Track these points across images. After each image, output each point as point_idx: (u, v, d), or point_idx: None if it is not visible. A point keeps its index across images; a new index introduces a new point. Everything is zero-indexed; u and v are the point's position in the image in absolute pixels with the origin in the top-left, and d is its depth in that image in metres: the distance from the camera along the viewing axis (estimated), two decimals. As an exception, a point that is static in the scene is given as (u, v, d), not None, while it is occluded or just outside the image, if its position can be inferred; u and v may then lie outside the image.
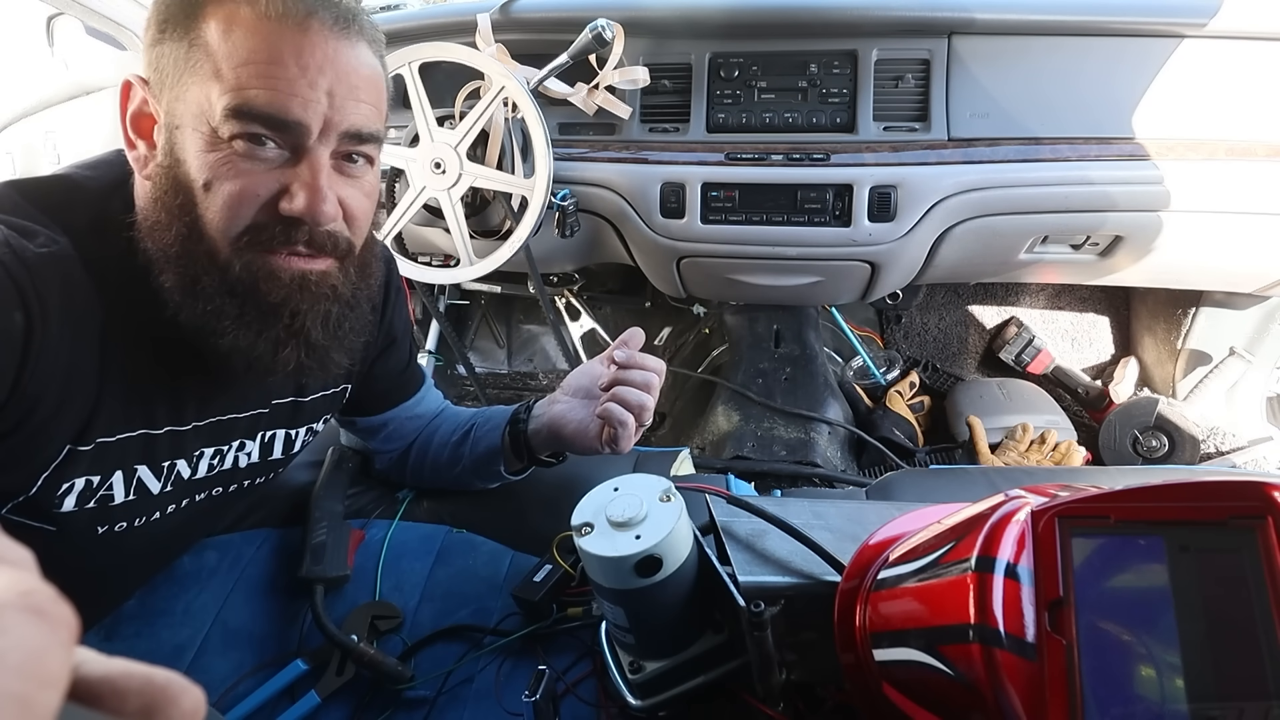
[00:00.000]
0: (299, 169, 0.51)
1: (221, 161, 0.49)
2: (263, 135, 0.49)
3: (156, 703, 0.17)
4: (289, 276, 0.53)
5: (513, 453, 0.78)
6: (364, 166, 0.56)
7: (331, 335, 0.57)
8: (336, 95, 0.51)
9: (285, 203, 0.51)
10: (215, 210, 0.50)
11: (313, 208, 0.51)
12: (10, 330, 0.44)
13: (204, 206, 0.50)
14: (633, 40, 1.18)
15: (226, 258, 0.51)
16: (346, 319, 0.58)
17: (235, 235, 0.51)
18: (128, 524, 0.59)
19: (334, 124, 0.51)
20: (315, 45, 0.49)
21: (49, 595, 0.16)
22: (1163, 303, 1.63)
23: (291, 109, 0.49)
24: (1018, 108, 1.12)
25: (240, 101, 0.48)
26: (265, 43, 0.48)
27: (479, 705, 0.63)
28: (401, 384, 0.82)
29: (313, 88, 0.49)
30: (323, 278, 0.55)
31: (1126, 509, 0.35)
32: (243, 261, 0.52)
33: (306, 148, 0.51)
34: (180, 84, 0.49)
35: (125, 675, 0.17)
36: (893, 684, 0.44)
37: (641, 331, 0.70)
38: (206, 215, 0.50)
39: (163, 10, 0.50)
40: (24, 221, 0.49)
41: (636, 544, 0.48)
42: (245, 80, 0.48)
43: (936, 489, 0.87)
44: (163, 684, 0.17)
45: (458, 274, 1.20)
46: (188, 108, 0.49)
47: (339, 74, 0.51)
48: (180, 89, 0.49)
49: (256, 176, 0.50)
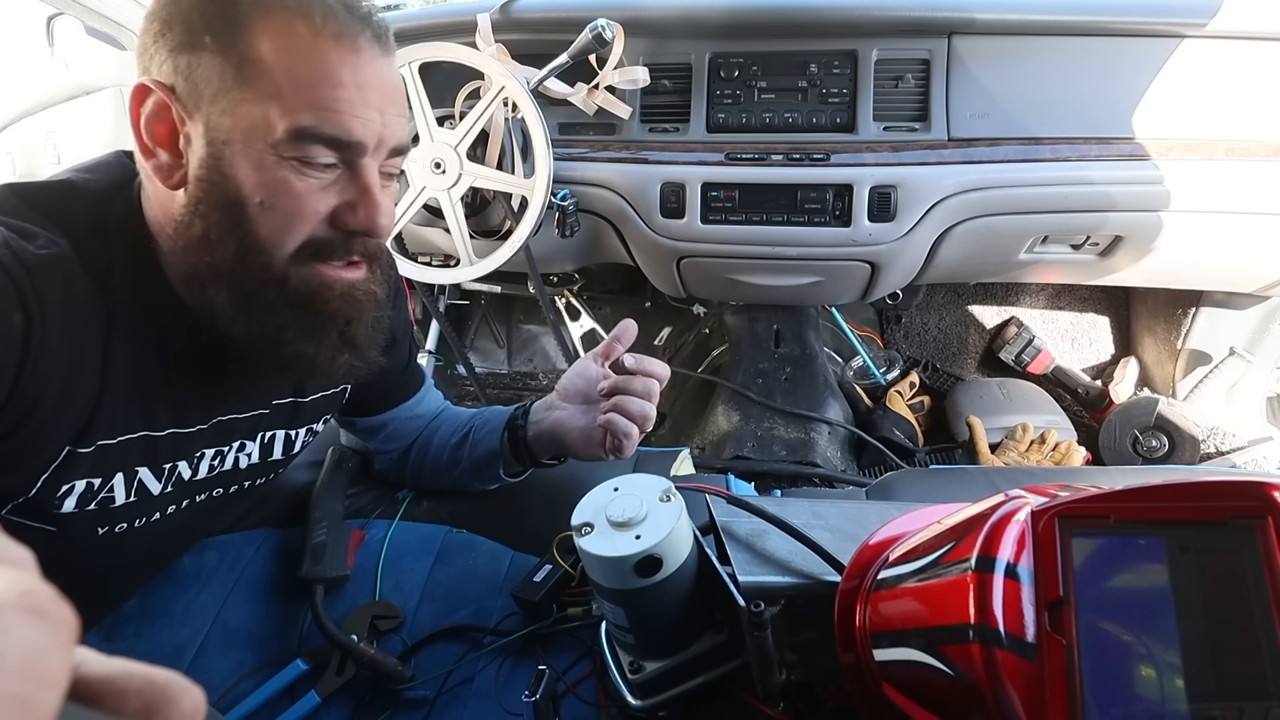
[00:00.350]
0: (355, 184, 0.53)
1: (279, 180, 0.50)
2: (321, 155, 0.51)
3: (157, 702, 0.17)
4: (341, 287, 0.55)
5: (512, 456, 0.78)
6: (392, 179, 0.58)
7: (370, 336, 0.60)
8: (386, 113, 0.53)
9: (348, 218, 0.53)
10: (273, 227, 0.51)
11: (374, 221, 0.53)
12: (9, 331, 0.44)
13: (259, 223, 0.51)
14: (633, 40, 1.18)
15: (282, 271, 0.53)
16: (380, 321, 0.61)
17: (293, 251, 0.52)
18: (128, 525, 0.59)
19: (385, 141, 0.53)
20: (366, 65, 0.51)
21: (49, 595, 0.16)
22: (1163, 303, 1.63)
23: (354, 130, 0.51)
24: (1018, 108, 1.12)
25: (308, 124, 0.49)
26: (325, 64, 0.49)
27: (479, 705, 0.63)
28: (401, 384, 0.82)
29: (368, 106, 0.51)
30: (365, 284, 0.57)
31: (1126, 509, 0.35)
32: (298, 275, 0.53)
33: (361, 164, 0.53)
34: (228, 98, 0.49)
35: (125, 675, 0.17)
36: (893, 684, 0.44)
37: (634, 324, 0.71)
38: (262, 232, 0.51)
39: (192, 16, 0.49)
40: (23, 224, 0.49)
41: (636, 544, 0.48)
42: (310, 102, 0.49)
43: (936, 489, 0.87)
44: (163, 684, 0.17)
45: (458, 274, 1.20)
46: (239, 124, 0.49)
47: (385, 92, 0.53)
48: (228, 104, 0.49)
49: (314, 194, 0.51)
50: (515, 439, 0.77)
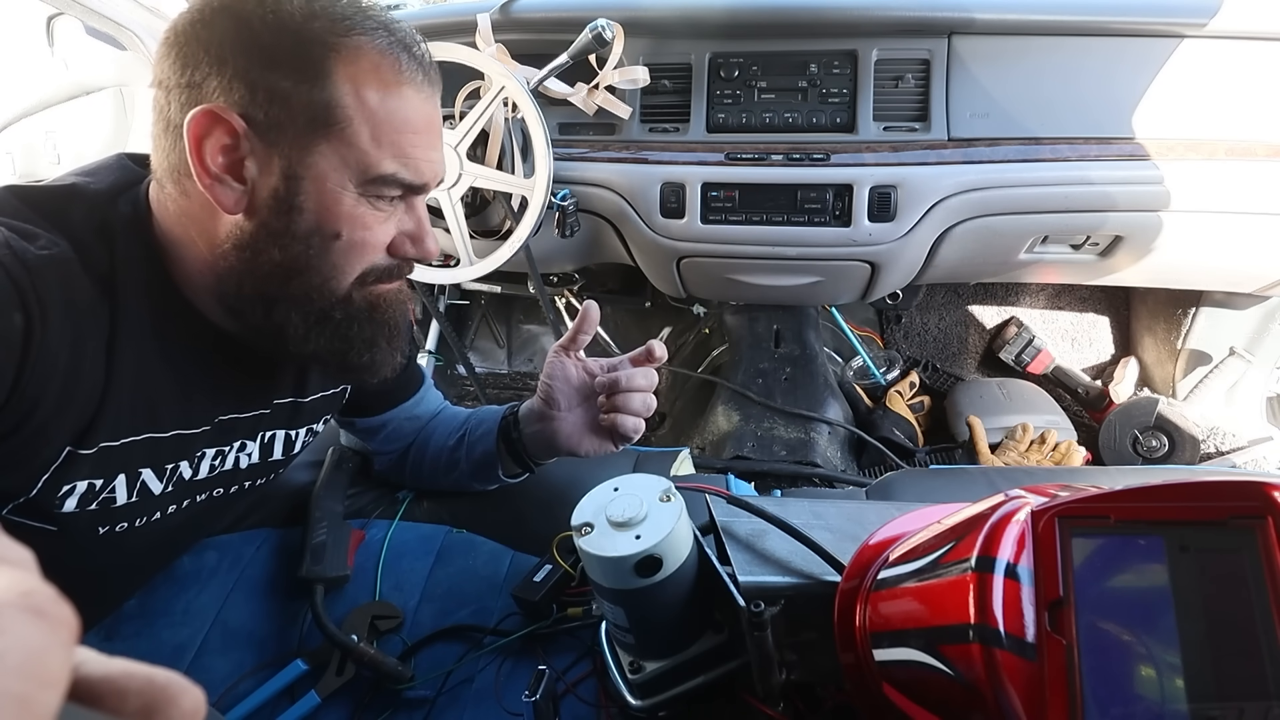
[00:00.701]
0: (411, 216, 0.58)
1: (356, 216, 0.53)
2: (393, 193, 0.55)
3: (157, 703, 0.17)
4: (392, 299, 0.61)
5: (511, 460, 0.78)
6: None
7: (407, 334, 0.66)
8: (438, 150, 0.57)
9: (406, 247, 0.58)
10: (344, 256, 0.55)
11: (426, 250, 0.59)
12: (9, 332, 0.44)
13: (333, 253, 0.54)
14: (633, 40, 1.18)
15: (347, 293, 0.57)
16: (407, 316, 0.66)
17: (358, 277, 0.57)
18: (128, 524, 0.59)
19: (438, 175, 0.58)
20: (433, 109, 0.56)
21: (49, 595, 0.16)
22: (1163, 303, 1.63)
23: (425, 174, 0.55)
24: (1018, 108, 1.12)
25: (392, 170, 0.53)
26: (406, 112, 0.53)
27: (479, 705, 0.63)
28: (400, 384, 0.82)
29: (432, 149, 0.56)
30: (401, 291, 0.62)
31: (1126, 509, 0.35)
32: (360, 294, 0.58)
33: (417, 199, 0.58)
34: (312, 137, 0.50)
35: (126, 675, 0.17)
36: (893, 684, 0.44)
37: (596, 306, 0.72)
38: (334, 259, 0.55)
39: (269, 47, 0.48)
40: (24, 225, 0.49)
41: (636, 544, 0.48)
42: (395, 149, 0.52)
43: (936, 489, 0.87)
44: (163, 684, 0.17)
45: (458, 274, 1.20)
46: (324, 160, 0.51)
47: (439, 132, 0.57)
48: (311, 142, 0.50)
49: (379, 227, 0.55)
50: (511, 445, 0.77)
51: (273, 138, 0.50)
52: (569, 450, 0.74)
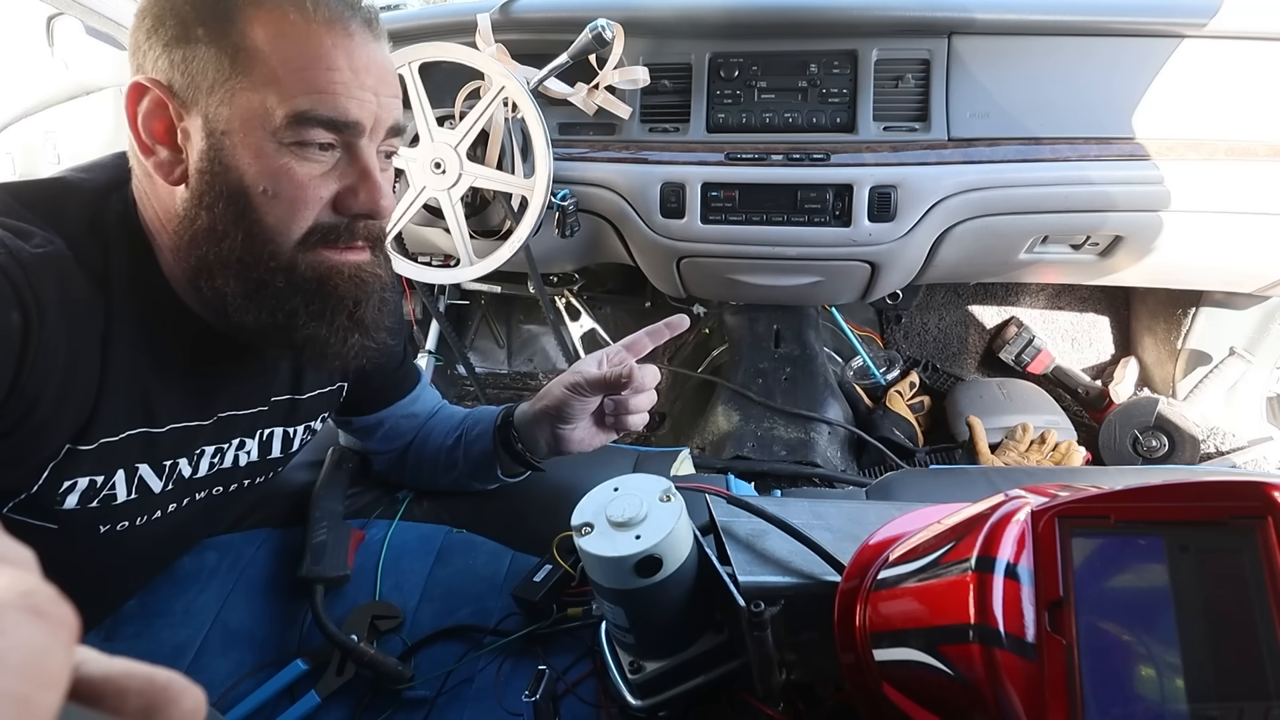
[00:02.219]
0: (356, 168, 0.53)
1: (281, 167, 0.51)
2: (320, 138, 0.51)
3: (157, 702, 0.17)
4: (349, 270, 0.56)
5: (510, 460, 0.78)
6: (389, 161, 0.59)
7: (380, 319, 0.60)
8: (380, 94, 0.53)
9: (350, 201, 0.54)
10: (278, 215, 0.52)
11: (376, 203, 0.54)
12: (8, 330, 0.44)
13: (264, 211, 0.51)
14: (633, 40, 1.18)
15: (290, 259, 0.53)
16: (386, 303, 0.61)
17: (300, 237, 0.53)
18: (129, 523, 0.59)
19: (381, 121, 0.54)
20: (359, 48, 0.52)
21: (50, 595, 0.16)
22: (1163, 303, 1.63)
23: (350, 111, 0.51)
24: (1018, 108, 1.12)
25: (305, 107, 0.49)
26: (319, 49, 0.50)
27: (479, 705, 0.63)
28: (396, 382, 0.82)
29: (363, 88, 0.52)
30: (371, 266, 0.58)
31: (1126, 509, 0.35)
32: (306, 261, 0.54)
33: (360, 146, 0.53)
34: (225, 89, 0.49)
35: (126, 675, 0.17)
36: (893, 684, 0.44)
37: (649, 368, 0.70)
38: (268, 220, 0.52)
39: (184, 10, 0.49)
40: (18, 223, 0.49)
41: (636, 544, 0.48)
42: (306, 86, 0.49)
43: (936, 489, 0.87)
44: (164, 684, 0.17)
45: (458, 274, 1.20)
46: (237, 113, 0.49)
47: (379, 74, 0.53)
48: (225, 94, 0.49)
49: (316, 179, 0.52)
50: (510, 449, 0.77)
51: (193, 97, 0.50)
52: (578, 451, 0.75)
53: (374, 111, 0.53)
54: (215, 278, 0.53)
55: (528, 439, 0.76)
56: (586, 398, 0.70)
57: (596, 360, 0.73)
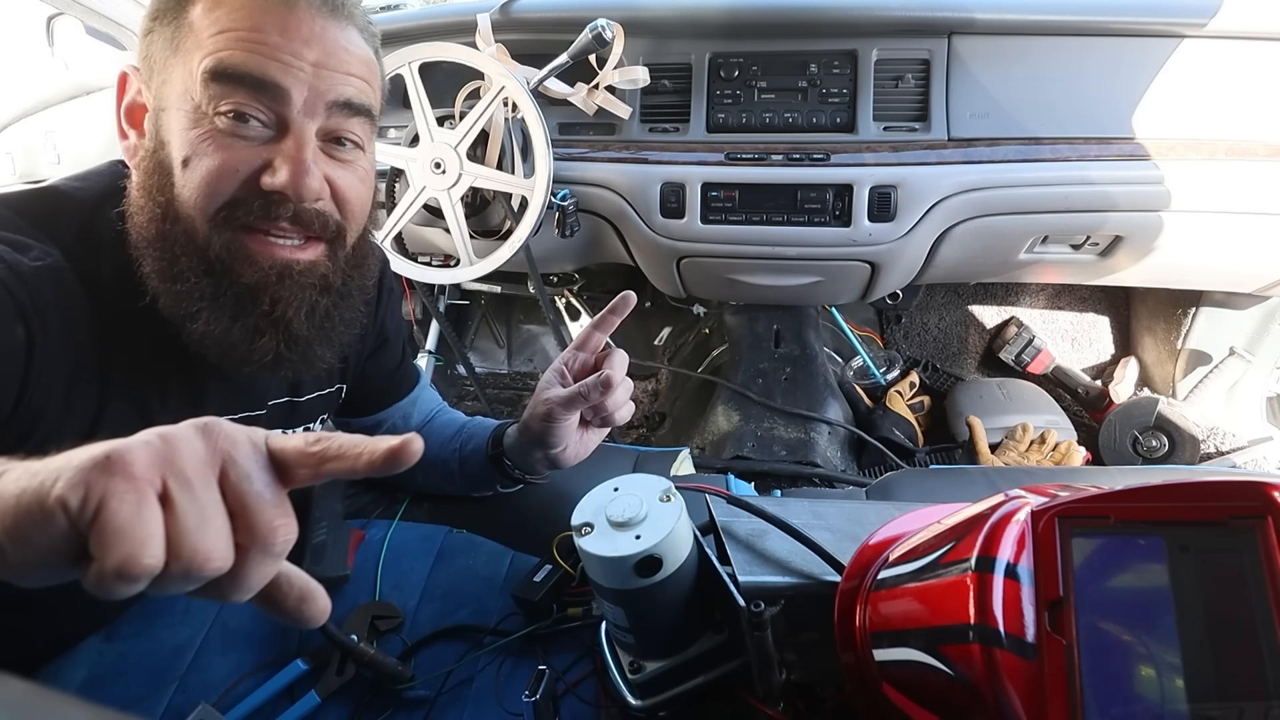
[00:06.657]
0: (283, 144, 0.50)
1: (202, 137, 0.48)
2: (246, 109, 0.48)
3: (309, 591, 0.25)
4: (269, 262, 0.51)
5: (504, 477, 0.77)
6: (354, 151, 0.55)
7: (318, 327, 0.55)
8: (324, 68, 0.50)
9: (267, 177, 0.49)
10: (192, 187, 0.49)
11: (295, 180, 0.49)
12: (12, 344, 0.44)
13: (181, 184, 0.49)
14: (633, 40, 1.18)
15: (205, 237, 0.50)
16: (336, 311, 0.57)
17: (213, 212, 0.49)
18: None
19: (320, 94, 0.50)
20: (301, 19, 0.49)
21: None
22: (1163, 303, 1.63)
23: (269, 70, 0.48)
24: (1018, 108, 1.12)
25: (216, 63, 0.48)
26: (247, 14, 0.48)
27: (479, 705, 0.62)
28: (395, 383, 0.82)
29: (296, 56, 0.49)
30: (311, 267, 0.53)
31: (1126, 509, 0.35)
32: (222, 240, 0.50)
33: (291, 120, 0.50)
34: (167, 67, 0.50)
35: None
36: (893, 684, 0.44)
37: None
38: (184, 193, 0.49)
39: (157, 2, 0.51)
40: (15, 235, 0.49)
41: (636, 544, 0.48)
42: (223, 44, 0.48)
43: (936, 489, 0.87)
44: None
45: (458, 274, 1.20)
46: (173, 88, 0.50)
47: (327, 49, 0.50)
48: (167, 72, 0.50)
49: (237, 151, 0.49)
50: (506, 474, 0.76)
51: (149, 79, 0.51)
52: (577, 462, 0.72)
53: (307, 81, 0.49)
54: (143, 260, 0.50)
55: (521, 464, 0.74)
56: (565, 419, 0.66)
57: (558, 375, 0.68)
